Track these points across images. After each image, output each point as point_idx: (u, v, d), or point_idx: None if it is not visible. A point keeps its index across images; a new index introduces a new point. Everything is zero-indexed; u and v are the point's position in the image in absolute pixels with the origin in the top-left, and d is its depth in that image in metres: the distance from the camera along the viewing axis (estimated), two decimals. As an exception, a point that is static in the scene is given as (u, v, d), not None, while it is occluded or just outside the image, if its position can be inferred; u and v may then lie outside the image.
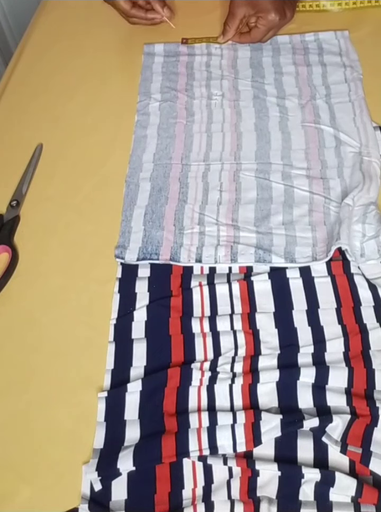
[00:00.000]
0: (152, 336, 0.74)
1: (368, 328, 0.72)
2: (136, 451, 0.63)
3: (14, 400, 0.71)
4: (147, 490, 0.62)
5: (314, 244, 0.80)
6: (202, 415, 0.66)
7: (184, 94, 1.03)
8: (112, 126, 1.00)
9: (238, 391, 0.68)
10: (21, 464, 0.66)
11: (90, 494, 0.63)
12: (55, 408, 0.69)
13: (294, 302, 0.75)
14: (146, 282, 0.79)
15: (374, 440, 0.63)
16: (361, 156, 0.90)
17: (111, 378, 0.71)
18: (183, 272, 0.80)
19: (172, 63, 1.10)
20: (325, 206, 0.84)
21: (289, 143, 0.94)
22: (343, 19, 1.12)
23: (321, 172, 0.89)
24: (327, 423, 0.63)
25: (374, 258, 0.77)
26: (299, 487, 0.61)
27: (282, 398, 0.67)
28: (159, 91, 1.04)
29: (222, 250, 0.81)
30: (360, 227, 0.80)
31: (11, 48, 1.69)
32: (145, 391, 0.69)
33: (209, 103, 1.02)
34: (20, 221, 0.88)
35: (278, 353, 0.71)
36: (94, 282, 0.80)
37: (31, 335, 0.76)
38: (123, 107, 1.03)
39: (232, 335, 0.73)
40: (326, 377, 0.67)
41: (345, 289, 0.75)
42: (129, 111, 1.02)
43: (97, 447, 0.66)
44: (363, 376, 0.67)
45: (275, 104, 0.99)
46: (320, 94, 1.00)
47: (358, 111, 0.96)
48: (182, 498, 0.62)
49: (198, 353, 0.72)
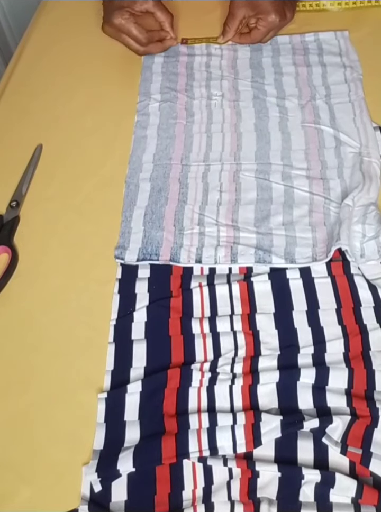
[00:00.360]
0: (152, 336, 0.74)
1: (368, 328, 0.71)
2: (136, 452, 0.63)
3: (14, 401, 0.71)
4: (147, 491, 0.62)
5: (314, 245, 0.80)
6: (202, 416, 0.66)
7: (184, 95, 1.03)
8: (112, 127, 1.00)
9: (238, 391, 0.68)
10: (21, 464, 0.66)
11: (90, 495, 0.62)
12: (55, 409, 0.69)
13: (294, 303, 0.75)
14: (146, 283, 0.79)
15: (375, 441, 0.62)
16: (361, 156, 0.90)
17: (111, 379, 0.71)
18: (183, 273, 0.79)
19: (172, 64, 1.09)
20: (325, 207, 0.84)
21: (289, 143, 0.94)
22: (343, 19, 1.12)
23: (321, 172, 0.89)
24: (327, 424, 0.63)
25: (374, 259, 0.77)
26: (299, 488, 0.61)
27: (282, 398, 0.67)
28: (159, 92, 1.04)
29: (222, 251, 0.81)
30: (360, 227, 0.80)
31: (11, 48, 1.69)
32: (145, 392, 0.69)
33: (209, 103, 1.02)
34: (20, 221, 0.88)
35: (278, 353, 0.71)
36: (94, 282, 0.80)
37: (31, 335, 0.76)
38: (123, 108, 1.03)
39: (232, 336, 0.72)
40: (326, 378, 0.67)
41: (345, 289, 0.75)
42: (129, 111, 1.02)
43: (97, 448, 0.66)
44: (363, 377, 0.67)
45: (275, 105, 0.99)
46: (320, 94, 1.00)
47: (358, 111, 0.96)
48: (182, 499, 0.62)
49: (198, 354, 0.72)
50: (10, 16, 1.68)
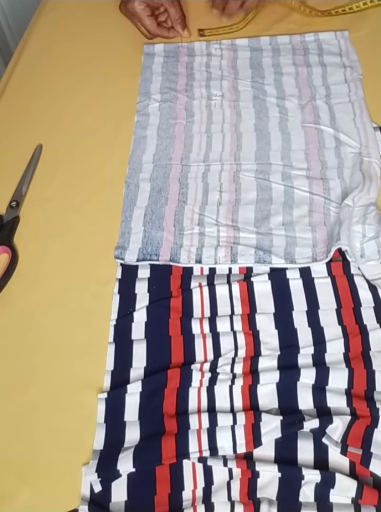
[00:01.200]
0: (152, 337, 0.74)
1: (368, 329, 0.71)
2: (136, 453, 0.63)
3: (14, 401, 0.71)
4: (147, 491, 0.62)
5: (314, 245, 0.80)
6: (202, 416, 0.66)
7: (184, 95, 1.03)
8: (112, 127, 1.00)
9: (238, 392, 0.68)
10: (21, 465, 0.66)
11: (90, 495, 0.63)
12: (55, 409, 0.69)
13: (294, 303, 0.75)
14: (146, 283, 0.79)
15: (375, 441, 0.62)
16: (361, 156, 0.90)
17: (111, 379, 0.71)
18: (183, 273, 0.79)
19: (172, 64, 1.09)
20: (325, 207, 0.84)
21: (289, 144, 0.94)
22: (343, 19, 1.12)
23: (321, 172, 0.89)
24: (327, 425, 0.63)
25: (374, 259, 0.77)
26: (299, 488, 0.61)
27: (282, 399, 0.67)
28: (159, 92, 1.04)
29: (222, 251, 0.81)
30: (360, 227, 0.80)
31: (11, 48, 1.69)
32: (145, 392, 0.69)
33: (209, 103, 1.02)
34: (20, 222, 0.88)
35: (278, 353, 0.71)
36: (94, 282, 0.80)
37: (31, 335, 0.76)
38: (123, 108, 1.03)
39: (232, 336, 0.72)
40: (326, 378, 0.67)
41: (345, 289, 0.75)
42: (129, 111, 1.01)
43: (97, 448, 0.66)
44: (363, 377, 0.67)
45: (275, 105, 0.99)
46: (320, 94, 1.00)
47: (358, 111, 0.96)
48: (182, 499, 0.62)
49: (198, 354, 0.72)
50: (10, 16, 1.68)
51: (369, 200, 0.83)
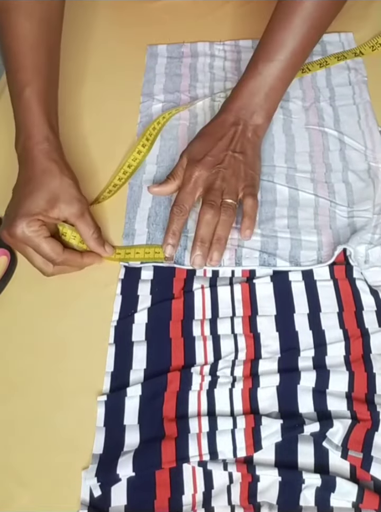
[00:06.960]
0: (152, 338, 0.74)
1: (369, 332, 0.71)
2: (135, 457, 0.63)
3: (13, 404, 0.71)
4: (147, 495, 0.62)
5: (319, 248, 0.80)
6: (202, 420, 0.65)
7: (188, 96, 1.03)
8: (115, 127, 1.00)
9: (238, 395, 0.68)
10: (20, 469, 0.65)
11: (89, 499, 0.62)
12: (55, 412, 0.69)
13: (296, 306, 0.75)
14: (148, 285, 0.79)
15: (375, 445, 0.62)
16: (368, 161, 0.89)
17: (111, 381, 0.71)
18: (187, 276, 0.79)
19: (175, 64, 1.09)
20: (330, 210, 0.84)
21: (292, 146, 0.93)
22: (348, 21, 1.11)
23: (326, 175, 0.89)
24: (327, 428, 0.63)
25: (378, 265, 0.76)
26: (300, 492, 0.60)
27: (282, 402, 0.67)
28: (162, 92, 1.04)
29: (226, 254, 0.80)
30: (369, 236, 0.79)
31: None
32: (145, 396, 0.69)
33: (212, 104, 1.01)
34: (20, 223, 0.88)
35: (278, 356, 0.70)
36: (95, 284, 0.80)
37: (30, 338, 0.76)
38: (126, 108, 1.02)
39: (233, 338, 0.72)
40: (326, 382, 0.67)
41: (348, 293, 0.75)
42: (132, 112, 1.01)
43: (96, 452, 0.65)
44: (364, 381, 0.67)
45: (279, 107, 0.99)
46: (324, 96, 0.99)
47: (363, 114, 0.96)
48: (182, 504, 0.62)
49: (198, 357, 0.72)
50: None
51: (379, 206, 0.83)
